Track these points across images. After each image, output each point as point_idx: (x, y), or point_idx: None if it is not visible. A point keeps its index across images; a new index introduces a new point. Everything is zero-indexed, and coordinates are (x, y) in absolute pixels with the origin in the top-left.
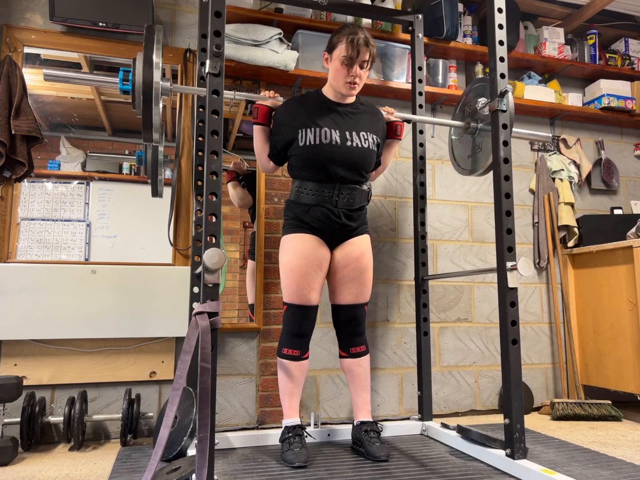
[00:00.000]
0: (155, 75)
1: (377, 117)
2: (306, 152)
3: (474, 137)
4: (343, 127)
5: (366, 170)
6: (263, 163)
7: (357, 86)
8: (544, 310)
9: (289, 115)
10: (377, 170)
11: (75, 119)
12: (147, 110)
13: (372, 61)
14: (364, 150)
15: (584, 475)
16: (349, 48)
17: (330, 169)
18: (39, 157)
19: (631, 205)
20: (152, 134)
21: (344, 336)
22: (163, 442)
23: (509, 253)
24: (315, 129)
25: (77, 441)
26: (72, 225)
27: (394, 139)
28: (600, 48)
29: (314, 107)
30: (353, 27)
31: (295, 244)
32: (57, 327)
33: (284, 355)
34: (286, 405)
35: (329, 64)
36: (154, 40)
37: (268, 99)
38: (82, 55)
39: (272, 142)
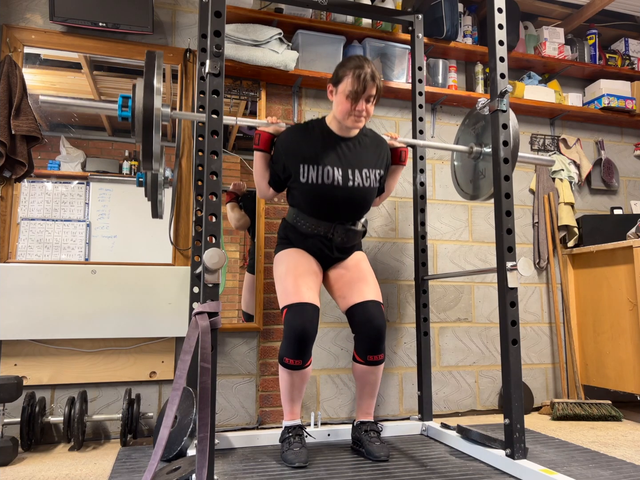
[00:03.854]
0: (156, 102)
1: (380, 148)
2: (307, 189)
3: (477, 162)
4: (346, 165)
5: (365, 209)
6: (262, 189)
7: (363, 119)
8: (544, 310)
9: (291, 146)
10: (381, 197)
11: (75, 119)
12: (147, 138)
13: (379, 95)
14: (365, 189)
15: (584, 475)
16: (354, 83)
17: (330, 209)
18: (39, 157)
19: (631, 205)
20: (152, 163)
21: (363, 341)
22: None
23: (509, 253)
24: (318, 167)
25: (77, 441)
26: (72, 225)
27: (398, 164)
28: (600, 48)
29: (317, 141)
30: (359, 59)
31: (288, 255)
32: (57, 327)
33: (285, 365)
34: (287, 410)
35: (333, 96)
36: (154, 66)
37: (270, 126)
38: (82, 55)
39: (272, 170)
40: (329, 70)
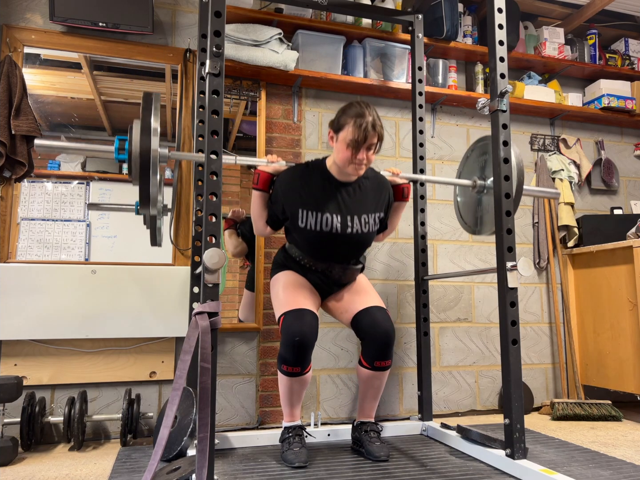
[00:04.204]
0: (154, 143)
1: (381, 189)
2: (305, 234)
3: (481, 196)
4: (345, 211)
5: (363, 251)
6: (259, 228)
7: (364, 167)
8: (544, 310)
9: (291, 189)
10: (384, 233)
11: (75, 119)
12: (145, 182)
13: (380, 143)
14: (363, 235)
15: (584, 475)
16: (355, 132)
17: (328, 253)
18: (39, 157)
19: (631, 205)
20: (150, 208)
21: (371, 346)
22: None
23: (509, 253)
24: (317, 213)
25: (77, 441)
26: (72, 225)
27: (401, 201)
28: (600, 48)
29: (317, 186)
30: (360, 106)
31: (286, 275)
32: (57, 327)
33: (283, 371)
34: (287, 412)
35: (334, 143)
36: (151, 107)
37: (270, 165)
38: (82, 55)
39: (271, 210)
40: (329, 70)
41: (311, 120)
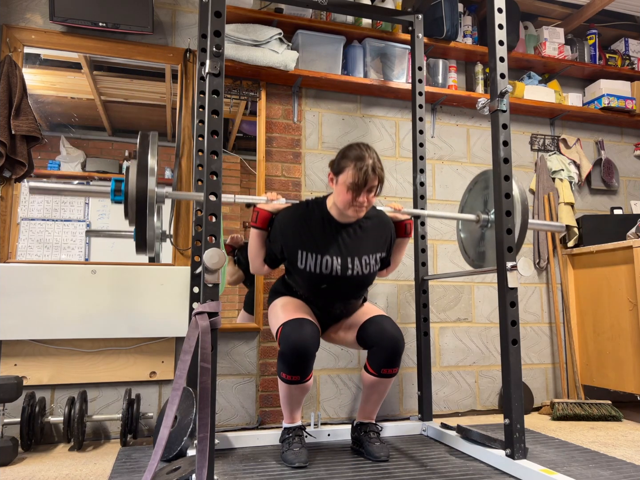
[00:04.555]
0: (150, 183)
1: (383, 228)
2: (305, 276)
3: (485, 231)
4: (345, 253)
5: (364, 289)
6: (256, 266)
7: (364, 209)
8: (544, 310)
9: (290, 230)
10: (388, 269)
11: (75, 119)
12: (141, 224)
13: (381, 185)
14: (364, 276)
15: (584, 475)
16: (356, 175)
17: (327, 294)
18: (39, 157)
19: (631, 205)
20: (147, 250)
21: (379, 353)
22: (163, 442)
23: (509, 253)
24: (316, 255)
25: (77, 441)
26: (72, 225)
27: (404, 238)
28: (600, 48)
29: (317, 227)
30: (360, 149)
31: (285, 298)
32: (57, 327)
33: (282, 379)
34: (287, 415)
35: (334, 185)
36: (148, 146)
37: (269, 204)
38: (82, 55)
39: (269, 249)
40: (329, 70)
41: (311, 120)
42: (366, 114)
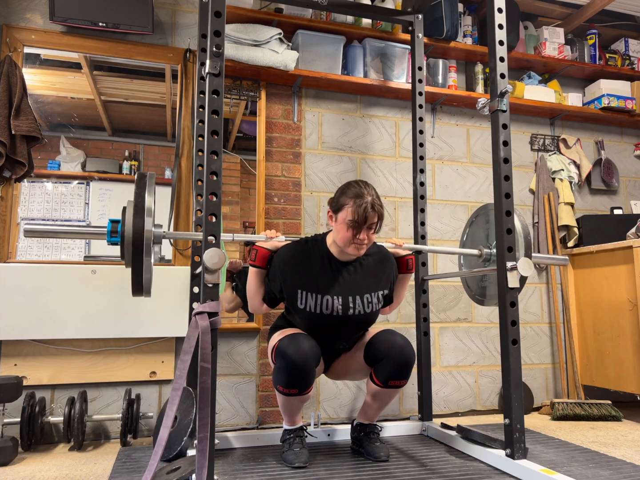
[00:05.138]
0: (147, 223)
1: (385, 265)
2: (305, 316)
3: (487, 265)
4: (346, 292)
5: (366, 328)
6: (255, 305)
7: (364, 247)
8: (544, 310)
9: (289, 269)
10: (391, 306)
11: (75, 119)
12: (138, 266)
13: (381, 222)
14: (366, 315)
15: (584, 475)
16: (355, 214)
17: (329, 334)
18: (39, 157)
19: (631, 205)
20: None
21: (388, 365)
22: (163, 442)
23: (509, 253)
24: (317, 295)
25: (77, 441)
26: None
27: (406, 273)
28: (600, 48)
29: (317, 266)
30: (359, 186)
31: (286, 330)
32: (57, 327)
33: (279, 391)
34: (287, 420)
35: (333, 222)
36: (145, 186)
37: (268, 242)
38: (82, 55)
39: (268, 288)
40: (329, 70)
41: (311, 120)
42: (366, 114)
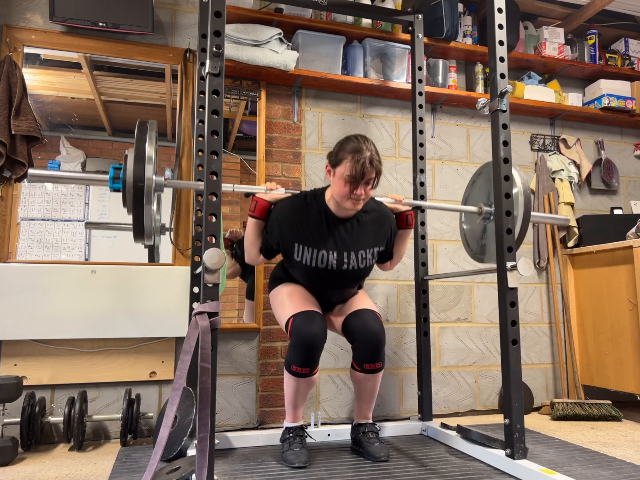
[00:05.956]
0: (148, 171)
1: (383, 222)
2: (300, 268)
3: (487, 224)
4: (342, 248)
5: (360, 282)
6: (252, 256)
7: (362, 202)
8: (544, 310)
9: (287, 222)
10: (392, 262)
11: (75, 119)
12: (138, 212)
13: (378, 177)
14: (360, 270)
15: (584, 475)
16: (353, 168)
17: (323, 286)
18: (39, 157)
19: (631, 205)
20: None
21: (359, 348)
22: (163, 442)
23: (509, 253)
24: (313, 249)
25: (77, 441)
26: (72, 225)
27: (405, 229)
28: (600, 48)
29: (314, 221)
30: (358, 141)
31: (287, 285)
32: (57, 327)
33: (292, 372)
34: (290, 413)
35: (331, 177)
36: (146, 136)
37: (268, 193)
38: (82, 55)
39: (266, 240)
40: (328, 70)
41: (311, 120)
42: (366, 114)
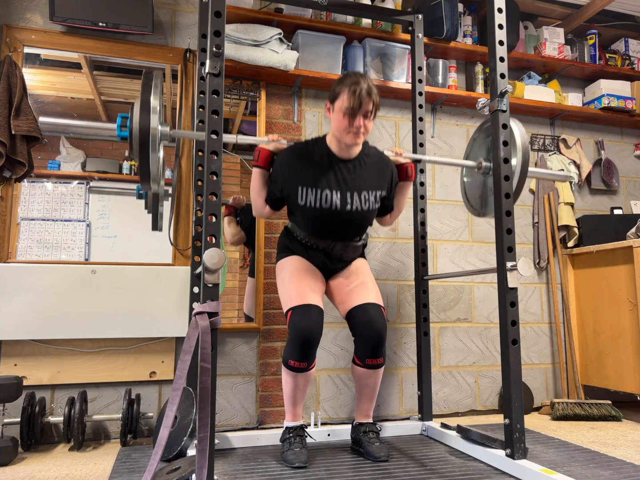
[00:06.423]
0: (153, 121)
1: (383, 167)
2: (305, 212)
3: (487, 178)
4: (345, 188)
5: (364, 228)
6: (258, 207)
7: (361, 136)
8: (544, 310)
9: (290, 167)
10: (392, 215)
11: (75, 119)
12: (144, 159)
13: (377, 110)
14: (363, 212)
15: (584, 475)
16: (351, 99)
17: (328, 230)
18: (39, 157)
19: (631, 205)
20: (150, 184)
21: (362, 343)
22: (163, 442)
23: (509, 253)
24: (316, 190)
25: (77, 441)
26: (72, 225)
27: (405, 181)
28: (600, 48)
29: (316, 163)
30: (355, 76)
31: (291, 261)
32: (57, 327)
33: (289, 367)
34: (289, 411)
35: (331, 114)
36: (151, 85)
37: (270, 143)
38: (82, 55)
39: (270, 189)
40: (328, 70)
41: (311, 120)
42: None
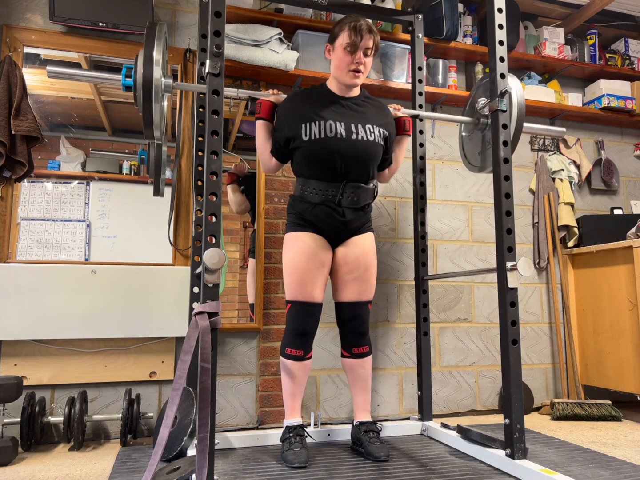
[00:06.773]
0: (156, 72)
1: (383, 111)
2: (311, 146)
3: (484, 134)
4: (348, 120)
5: (372, 166)
6: (265, 160)
7: (361, 74)
8: (544, 310)
9: (292, 109)
10: (390, 169)
11: (75, 119)
12: (147, 107)
13: (376, 49)
14: (370, 143)
15: (584, 475)
16: (351, 34)
17: (336, 163)
18: (39, 157)
19: (631, 205)
20: (153, 130)
21: (347, 335)
22: (163, 442)
23: (509, 253)
24: (319, 122)
25: (77, 441)
26: (72, 225)
27: (403, 134)
28: (600, 48)
29: (317, 101)
30: (354, 16)
31: (298, 242)
32: (57, 327)
33: (287, 355)
34: (288, 406)
35: (331, 54)
36: (154, 38)
37: (271, 96)
38: (82, 55)
39: (274, 138)
40: (328, 70)
41: None
42: None
